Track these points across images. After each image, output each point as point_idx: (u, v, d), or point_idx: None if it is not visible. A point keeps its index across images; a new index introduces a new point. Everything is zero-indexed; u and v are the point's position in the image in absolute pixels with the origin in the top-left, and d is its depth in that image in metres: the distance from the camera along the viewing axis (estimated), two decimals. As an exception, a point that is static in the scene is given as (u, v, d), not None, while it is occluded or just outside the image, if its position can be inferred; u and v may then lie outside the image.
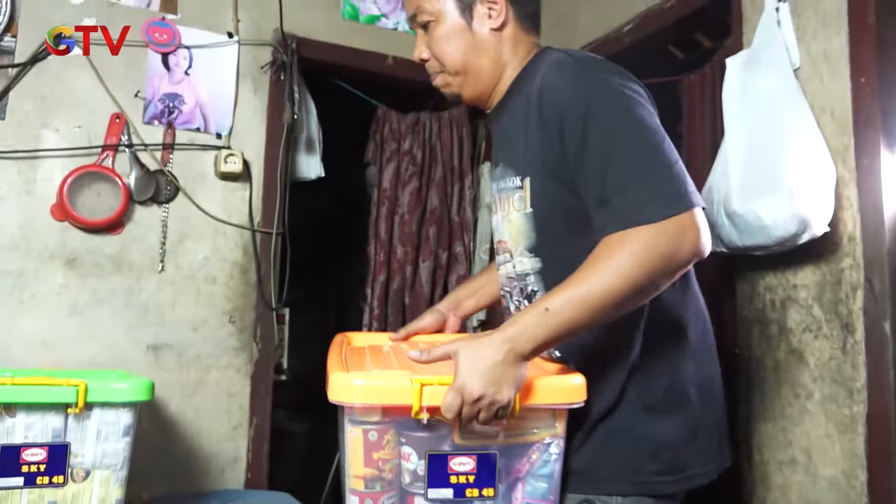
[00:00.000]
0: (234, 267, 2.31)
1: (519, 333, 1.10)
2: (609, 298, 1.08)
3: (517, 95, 1.32)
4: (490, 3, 1.31)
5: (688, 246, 1.08)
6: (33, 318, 2.06)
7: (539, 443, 1.22)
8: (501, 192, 1.34)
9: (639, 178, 1.11)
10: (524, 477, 1.23)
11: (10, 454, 1.47)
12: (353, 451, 1.20)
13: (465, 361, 1.10)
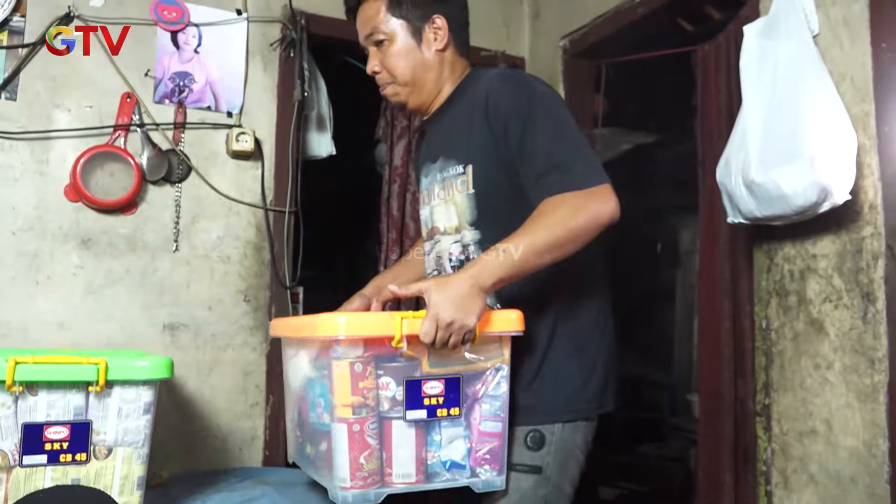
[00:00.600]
0: (248, 246, 2.31)
1: (480, 271, 1.36)
2: (551, 243, 1.37)
3: (457, 104, 1.60)
4: (435, 28, 1.58)
5: (608, 209, 1.40)
6: (49, 299, 2.07)
7: (491, 368, 1.49)
8: (444, 180, 1.61)
9: (570, 158, 1.44)
10: (481, 398, 1.49)
11: (34, 432, 1.48)
12: (340, 383, 1.40)
13: (436, 295, 1.34)
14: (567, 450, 1.57)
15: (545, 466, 1.56)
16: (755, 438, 1.86)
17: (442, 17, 1.60)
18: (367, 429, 1.44)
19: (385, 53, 1.59)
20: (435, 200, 1.66)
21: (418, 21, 1.59)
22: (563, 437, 1.56)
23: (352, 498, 1.44)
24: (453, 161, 1.59)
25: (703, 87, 2.25)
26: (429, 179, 1.67)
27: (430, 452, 1.51)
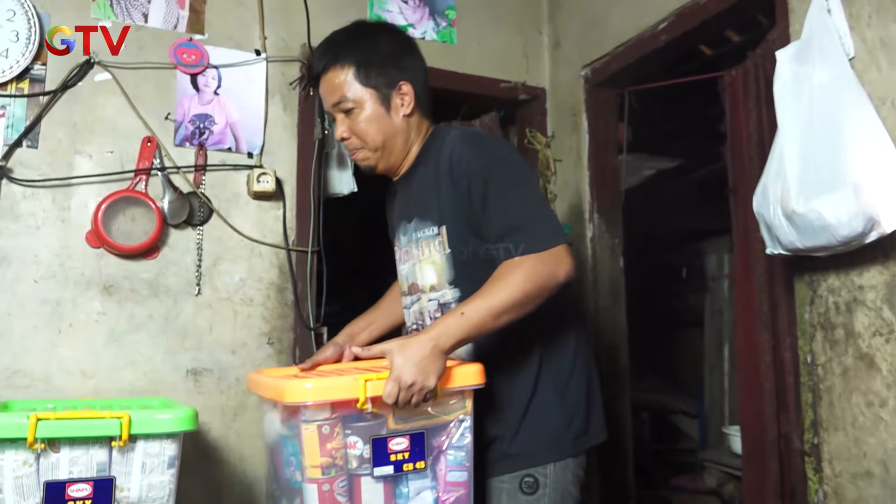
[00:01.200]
0: (271, 287, 2.27)
1: (440, 333, 1.44)
2: (508, 306, 1.46)
3: (424, 164, 1.67)
4: (402, 95, 1.64)
5: (563, 270, 1.49)
6: (72, 347, 2.03)
7: (455, 420, 1.55)
8: (419, 240, 1.68)
9: (527, 221, 1.51)
10: (445, 449, 1.56)
11: (56, 490, 1.44)
12: (309, 445, 1.45)
13: (398, 358, 1.41)
14: (561, 489, 1.63)
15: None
16: (804, 479, 1.77)
17: (408, 84, 1.65)
18: (336, 487, 1.49)
19: (354, 120, 1.64)
20: (413, 259, 1.71)
21: (386, 88, 1.64)
22: (556, 477, 1.62)
23: None
24: (428, 222, 1.65)
25: (732, 112, 2.19)
26: (406, 238, 1.73)
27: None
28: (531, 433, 1.64)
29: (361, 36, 1.69)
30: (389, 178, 1.82)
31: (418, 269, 1.70)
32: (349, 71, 1.63)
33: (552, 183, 2.72)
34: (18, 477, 1.42)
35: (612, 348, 2.58)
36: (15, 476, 1.42)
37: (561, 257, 1.49)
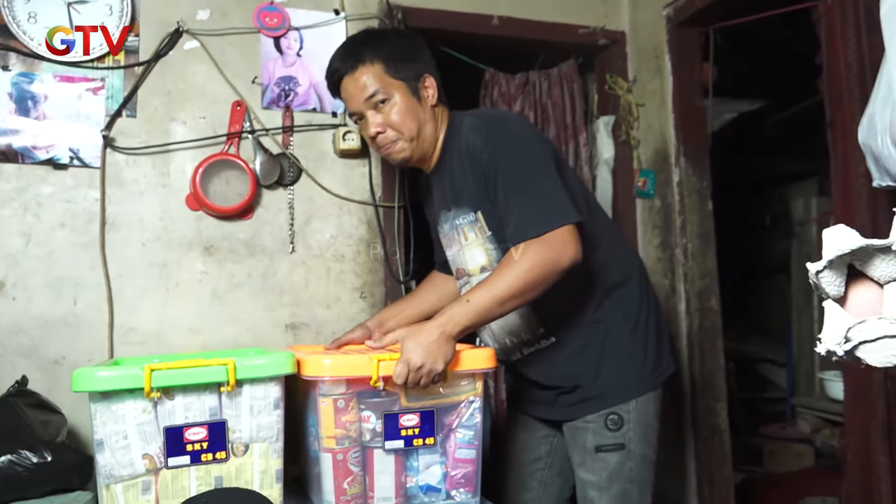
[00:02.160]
0: (360, 243, 2.27)
1: (447, 320, 1.52)
2: (512, 294, 1.52)
3: (449, 154, 1.73)
4: (427, 86, 1.72)
5: (567, 255, 1.52)
6: (179, 305, 2.10)
7: (465, 401, 1.63)
8: (460, 227, 1.74)
9: (532, 205, 1.55)
10: (455, 428, 1.64)
11: (175, 434, 1.49)
12: (325, 417, 1.56)
13: (409, 342, 1.52)
14: (644, 422, 1.71)
15: (627, 442, 1.70)
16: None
17: (430, 76, 1.73)
18: (349, 458, 1.58)
19: (388, 113, 1.69)
20: (458, 245, 1.77)
21: (413, 80, 1.70)
22: (639, 411, 1.70)
23: None
24: (465, 208, 1.70)
25: (829, 43, 2.04)
26: (448, 226, 1.79)
27: (408, 477, 1.64)
28: (610, 374, 1.71)
29: (380, 37, 1.77)
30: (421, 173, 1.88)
31: (464, 254, 1.76)
32: (378, 66, 1.68)
33: (635, 128, 2.62)
34: (140, 424, 1.48)
35: (704, 292, 2.49)
36: (137, 423, 1.48)
37: (565, 241, 1.51)
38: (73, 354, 1.98)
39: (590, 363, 1.71)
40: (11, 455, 1.57)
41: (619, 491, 1.71)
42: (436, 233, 1.94)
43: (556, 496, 1.93)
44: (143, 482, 1.48)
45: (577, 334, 1.72)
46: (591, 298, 1.71)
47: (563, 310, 1.70)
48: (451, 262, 1.85)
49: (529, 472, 1.91)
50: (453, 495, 1.66)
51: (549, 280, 1.53)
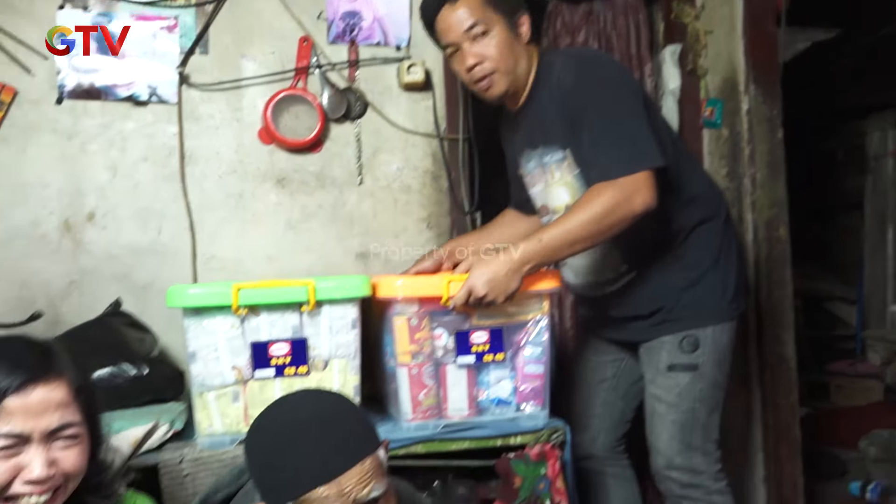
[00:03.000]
0: (426, 175, 2.32)
1: (518, 257, 1.56)
2: (584, 236, 1.56)
3: (538, 91, 1.73)
4: (521, 24, 1.73)
5: (641, 200, 1.54)
6: (256, 235, 2.20)
7: (532, 320, 1.72)
8: (547, 165, 1.75)
9: (614, 146, 1.56)
10: (524, 345, 1.73)
11: (260, 349, 1.59)
12: (399, 335, 1.66)
13: (476, 271, 1.58)
14: (719, 349, 1.75)
15: (701, 365, 1.73)
16: None
17: (525, 14, 1.74)
18: (424, 372, 1.68)
19: (487, 45, 1.68)
20: (543, 183, 1.79)
21: (511, 16, 1.71)
22: (715, 338, 1.74)
23: (414, 427, 1.69)
24: (554, 146, 1.70)
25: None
26: (533, 164, 1.80)
27: (480, 391, 1.73)
28: (690, 300, 1.74)
29: None
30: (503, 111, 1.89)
31: (549, 191, 1.78)
32: None
33: (702, 57, 2.56)
34: (229, 338, 1.59)
35: (772, 221, 2.46)
36: (227, 338, 1.59)
37: (641, 187, 1.53)
38: (161, 281, 2.10)
39: (670, 292, 1.75)
40: (113, 368, 1.71)
41: (688, 409, 1.75)
42: (515, 171, 1.96)
43: (618, 417, 1.99)
44: (232, 391, 1.60)
45: (659, 269, 1.76)
46: (675, 235, 1.74)
47: (646, 247, 1.74)
48: (534, 199, 1.88)
49: (595, 392, 1.98)
50: (523, 408, 1.73)
51: (621, 225, 1.56)
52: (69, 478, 1.09)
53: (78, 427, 1.10)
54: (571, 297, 2.32)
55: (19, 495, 1.04)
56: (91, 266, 2.09)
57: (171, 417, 1.65)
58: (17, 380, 1.04)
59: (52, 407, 1.06)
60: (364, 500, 1.03)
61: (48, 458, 1.05)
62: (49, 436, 1.06)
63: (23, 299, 2.05)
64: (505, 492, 1.72)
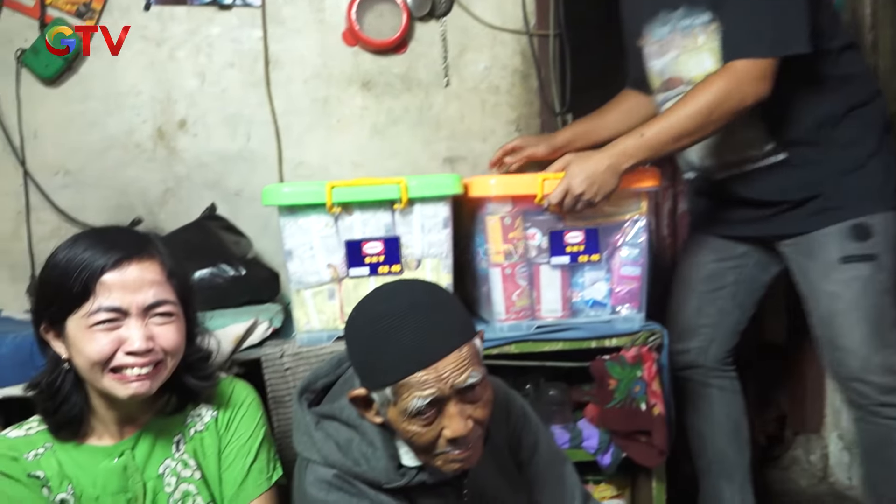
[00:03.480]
0: (515, 74, 2.27)
1: (619, 153, 1.52)
2: (689, 130, 1.50)
3: None
4: None
5: (751, 91, 1.46)
6: (342, 140, 2.22)
7: (629, 220, 1.69)
8: (689, 28, 1.63)
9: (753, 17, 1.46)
10: (620, 246, 1.70)
11: (354, 247, 1.63)
12: (492, 234, 1.66)
13: (574, 167, 1.54)
14: (892, 238, 1.62)
15: (878, 254, 1.60)
16: None
17: None
18: (517, 272, 1.67)
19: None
20: (678, 50, 1.67)
21: None
22: (886, 225, 1.61)
23: (507, 328, 1.69)
24: (700, 7, 1.59)
25: None
26: (668, 28, 1.68)
27: (574, 292, 1.72)
28: (855, 185, 1.61)
29: None
30: None
31: (688, 59, 1.66)
32: None
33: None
34: (324, 236, 1.63)
35: (895, 117, 2.30)
36: (321, 236, 1.63)
37: (758, 76, 1.46)
38: (251, 187, 2.17)
39: (829, 177, 1.62)
40: (213, 268, 1.80)
41: (874, 304, 1.61)
42: (634, 42, 1.84)
43: (733, 327, 1.91)
44: (328, 289, 1.65)
45: (814, 151, 1.62)
46: (832, 115, 1.61)
47: (799, 126, 1.62)
48: (658, 72, 1.76)
49: (710, 300, 1.89)
50: (618, 310, 1.72)
51: (729, 118, 1.49)
52: (168, 354, 1.18)
53: (172, 306, 1.18)
54: (670, 200, 2.26)
55: (123, 366, 1.14)
56: (184, 173, 2.17)
57: (270, 316, 1.73)
58: (114, 257, 1.13)
59: (146, 284, 1.15)
60: (461, 386, 1.06)
61: (146, 332, 1.14)
62: (146, 311, 1.15)
63: (122, 207, 2.15)
64: (599, 394, 1.74)
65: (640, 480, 1.87)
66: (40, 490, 1.17)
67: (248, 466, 1.27)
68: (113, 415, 1.21)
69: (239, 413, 1.31)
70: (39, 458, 1.19)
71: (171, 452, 1.24)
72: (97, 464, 1.20)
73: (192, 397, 1.27)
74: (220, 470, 1.27)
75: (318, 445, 1.18)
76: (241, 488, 1.26)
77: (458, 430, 1.07)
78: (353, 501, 1.15)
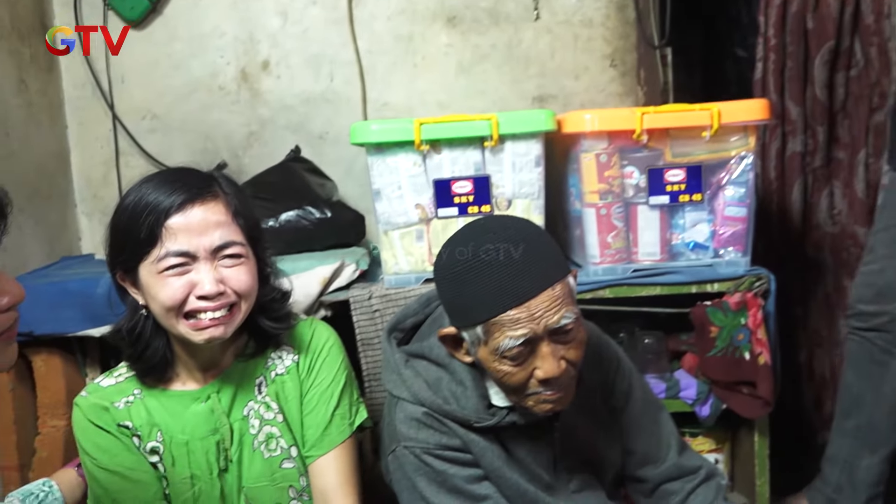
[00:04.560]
0: (610, 5, 2.22)
1: None
2: None
3: None
4: None
5: None
6: (427, 80, 2.24)
7: (735, 157, 1.66)
8: None
9: None
10: (725, 185, 1.67)
11: (443, 187, 1.66)
12: (587, 173, 1.65)
13: None
14: None
15: None
16: None
17: None
18: (613, 212, 1.67)
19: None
20: None
21: None
22: None
23: (602, 272, 1.69)
24: None
25: None
26: None
27: (673, 234, 1.71)
28: None
29: None
30: None
31: None
32: None
33: None
34: (412, 175, 1.66)
35: None
36: (409, 175, 1.66)
37: None
38: (335, 129, 2.22)
39: None
40: (298, 210, 1.86)
41: None
42: None
43: None
44: (416, 230, 1.69)
45: None
46: None
47: None
48: None
49: None
50: (721, 254, 1.70)
51: None
52: (241, 296, 1.19)
53: (240, 247, 1.19)
54: (778, 140, 2.18)
55: (196, 311, 1.17)
56: (268, 116, 2.24)
57: (356, 258, 1.78)
58: (177, 200, 1.14)
59: (212, 225, 1.16)
60: (554, 326, 1.06)
61: (217, 275, 1.16)
62: (214, 254, 1.16)
63: (208, 151, 2.25)
64: (699, 342, 1.73)
65: (740, 434, 1.86)
66: (130, 439, 1.24)
67: (331, 413, 1.30)
68: (195, 360, 1.26)
69: (320, 358, 1.33)
70: (129, 407, 1.25)
71: (253, 395, 1.28)
72: (185, 409, 1.25)
73: (269, 340, 1.30)
74: (301, 414, 1.30)
75: (407, 383, 1.21)
76: (324, 434, 1.29)
77: (550, 370, 1.08)
78: (443, 439, 1.19)
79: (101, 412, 1.24)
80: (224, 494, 1.25)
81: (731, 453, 1.91)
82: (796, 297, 2.11)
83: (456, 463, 1.19)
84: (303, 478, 1.28)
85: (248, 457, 1.26)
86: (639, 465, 1.32)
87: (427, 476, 1.19)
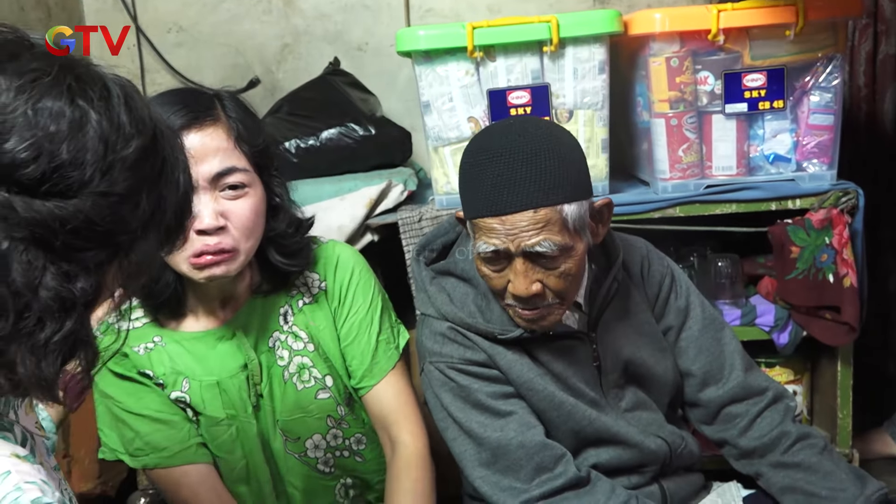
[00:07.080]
0: None
1: None
2: None
3: None
4: None
5: None
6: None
7: (822, 58, 1.63)
8: None
9: None
10: (810, 90, 1.65)
11: (498, 98, 1.68)
12: (656, 79, 1.64)
13: None
14: None
15: None
16: None
17: None
18: (685, 123, 1.65)
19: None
20: None
21: None
22: None
23: (671, 188, 1.69)
24: None
25: None
26: None
27: (752, 146, 1.70)
28: None
29: None
30: None
31: None
32: None
33: None
34: (464, 86, 1.69)
35: None
36: (461, 86, 1.69)
37: None
38: (375, 39, 2.24)
39: None
40: (340, 127, 1.90)
41: None
42: None
43: None
44: (469, 146, 1.72)
45: None
46: None
47: None
48: None
49: None
50: (805, 167, 1.71)
51: None
52: (243, 231, 1.18)
53: (243, 174, 1.18)
54: (869, 41, 2.15)
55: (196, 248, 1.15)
56: (303, 27, 2.26)
57: (404, 178, 1.83)
58: (173, 126, 1.09)
59: (210, 151, 1.15)
60: (530, 249, 1.13)
61: (218, 207, 1.15)
62: (214, 182, 1.16)
63: (238, 66, 2.29)
64: (778, 264, 1.75)
65: (821, 363, 1.89)
66: (153, 385, 1.28)
67: (375, 339, 1.33)
68: (210, 296, 1.28)
69: (352, 284, 1.35)
70: (150, 354, 1.27)
71: (279, 325, 1.31)
72: (211, 349, 1.28)
73: (284, 277, 1.31)
74: (339, 344, 1.34)
75: (432, 299, 1.30)
76: (372, 363, 1.33)
77: (518, 288, 1.16)
78: (468, 353, 1.27)
79: (120, 358, 1.26)
80: (260, 430, 1.31)
81: (811, 385, 1.94)
82: (886, 217, 2.10)
83: (480, 378, 1.26)
84: (340, 407, 1.34)
85: (280, 389, 1.31)
86: (700, 388, 1.35)
87: (452, 391, 1.27)
